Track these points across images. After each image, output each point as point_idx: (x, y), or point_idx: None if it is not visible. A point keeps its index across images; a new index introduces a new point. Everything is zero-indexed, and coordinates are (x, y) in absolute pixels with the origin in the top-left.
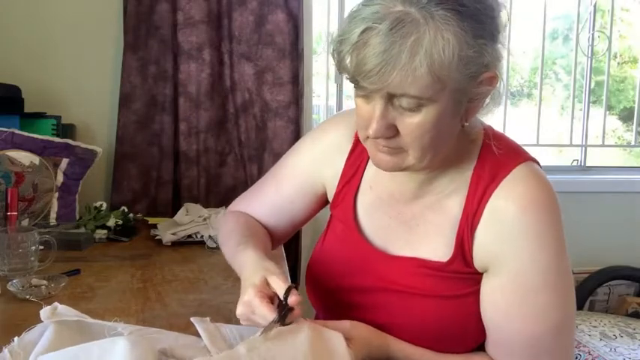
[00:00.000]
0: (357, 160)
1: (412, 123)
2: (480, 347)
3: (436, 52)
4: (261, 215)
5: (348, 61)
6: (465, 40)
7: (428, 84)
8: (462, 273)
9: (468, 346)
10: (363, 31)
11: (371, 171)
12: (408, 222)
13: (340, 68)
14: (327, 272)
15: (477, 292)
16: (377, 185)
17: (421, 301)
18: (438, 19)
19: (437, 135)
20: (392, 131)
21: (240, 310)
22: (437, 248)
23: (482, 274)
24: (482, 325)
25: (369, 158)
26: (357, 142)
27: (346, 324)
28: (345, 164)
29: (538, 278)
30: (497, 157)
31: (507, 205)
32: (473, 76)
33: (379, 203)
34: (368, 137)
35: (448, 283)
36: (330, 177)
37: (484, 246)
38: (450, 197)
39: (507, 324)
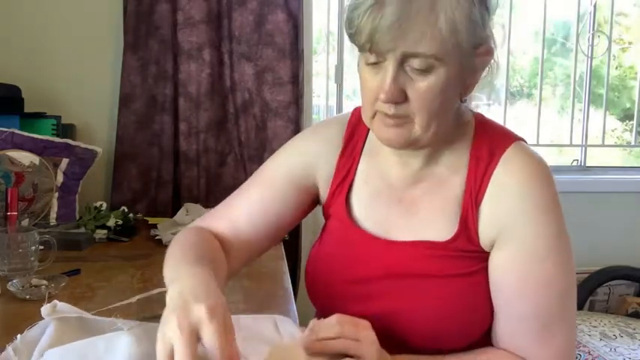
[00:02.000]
0: (349, 158)
1: (422, 87)
2: (483, 342)
3: (450, 10)
4: (244, 219)
5: (363, 24)
6: (473, 5)
7: (444, 41)
8: (466, 251)
9: (475, 333)
10: None
11: (365, 165)
12: (409, 207)
13: (354, 35)
14: (329, 269)
15: (483, 271)
16: (372, 178)
17: (427, 283)
18: None
19: (443, 101)
20: (402, 96)
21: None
22: (439, 229)
23: (487, 252)
24: (490, 308)
25: (361, 154)
26: (347, 141)
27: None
28: (337, 164)
29: (544, 246)
30: (491, 138)
31: (511, 178)
32: (474, 45)
33: (376, 195)
34: (376, 113)
35: (453, 261)
36: (322, 176)
37: (490, 220)
38: (449, 179)
39: (517, 296)
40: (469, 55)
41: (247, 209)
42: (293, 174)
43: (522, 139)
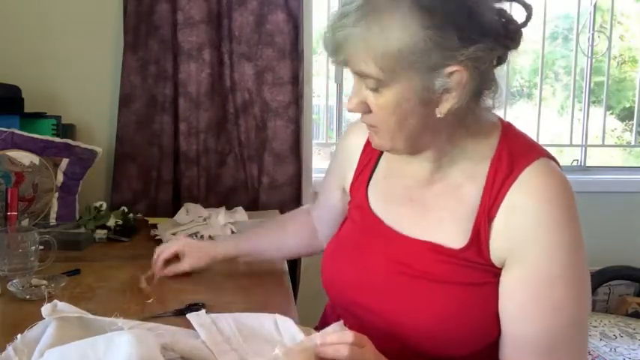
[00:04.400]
0: (369, 154)
1: (377, 104)
2: (489, 353)
3: (381, 40)
4: (318, 226)
5: (324, 47)
6: (413, 30)
7: (375, 67)
8: (474, 262)
9: (478, 342)
10: (339, 15)
11: (384, 163)
12: (421, 207)
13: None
14: (343, 255)
15: (491, 284)
16: (390, 175)
17: (433, 286)
18: (389, 7)
19: (402, 119)
20: (364, 108)
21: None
22: (451, 234)
23: (496, 267)
24: (496, 321)
25: (381, 152)
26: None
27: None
28: (360, 159)
29: (555, 271)
30: (515, 151)
31: (526, 199)
32: (432, 67)
33: (392, 192)
34: None
35: (461, 270)
36: (349, 176)
37: (502, 239)
38: (464, 186)
39: (524, 317)
40: (429, 76)
41: (318, 222)
42: (338, 193)
43: (548, 155)
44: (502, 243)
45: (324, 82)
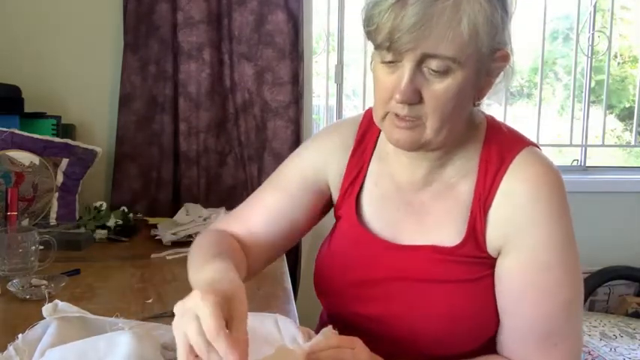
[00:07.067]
0: (359, 160)
1: (438, 89)
2: (489, 346)
3: (473, 14)
4: (259, 223)
5: (383, 22)
6: (495, 9)
7: (464, 44)
8: (473, 257)
9: (480, 338)
10: None
11: (375, 168)
12: (418, 211)
13: (372, 33)
14: (338, 270)
15: (490, 277)
16: (382, 180)
17: (435, 287)
18: None
19: (457, 105)
20: (417, 97)
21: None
22: (448, 234)
23: (494, 258)
24: (496, 313)
25: (371, 156)
26: (359, 143)
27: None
28: (348, 165)
29: (551, 255)
30: (502, 142)
31: (520, 185)
32: (493, 49)
33: (386, 197)
34: (387, 114)
35: (460, 267)
36: (333, 178)
37: (498, 227)
38: (458, 183)
39: (521, 303)
40: (487, 59)
41: (262, 214)
42: (306, 178)
43: (534, 145)
44: (498, 231)
45: (324, 82)
